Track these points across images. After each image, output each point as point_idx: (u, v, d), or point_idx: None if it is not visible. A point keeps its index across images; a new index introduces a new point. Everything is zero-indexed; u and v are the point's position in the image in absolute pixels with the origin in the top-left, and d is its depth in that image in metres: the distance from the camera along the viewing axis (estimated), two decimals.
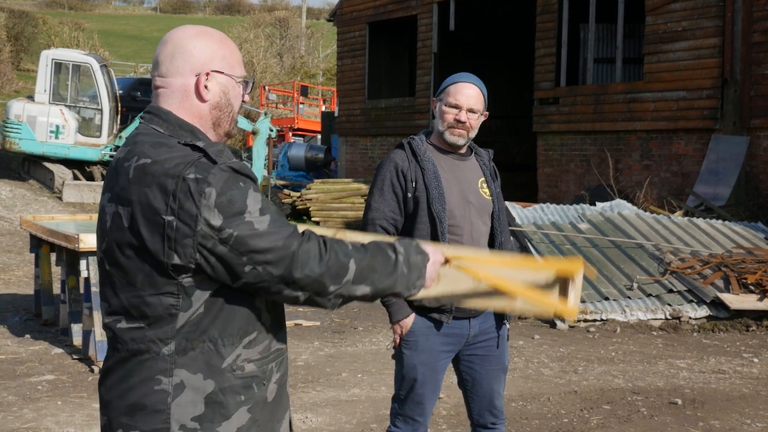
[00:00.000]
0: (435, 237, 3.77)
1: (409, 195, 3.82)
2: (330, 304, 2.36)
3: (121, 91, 22.41)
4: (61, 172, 20.11)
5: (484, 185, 3.95)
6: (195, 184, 2.24)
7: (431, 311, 3.80)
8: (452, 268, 2.67)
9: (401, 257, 2.43)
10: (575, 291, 2.83)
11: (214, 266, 2.26)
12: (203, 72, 2.42)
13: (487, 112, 3.98)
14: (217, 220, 2.23)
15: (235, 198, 2.25)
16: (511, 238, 4.48)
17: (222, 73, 2.45)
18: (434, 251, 2.54)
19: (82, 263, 7.48)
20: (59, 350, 8.05)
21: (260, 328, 2.38)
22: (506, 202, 10.61)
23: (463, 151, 3.96)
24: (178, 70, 2.42)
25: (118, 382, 2.36)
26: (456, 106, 3.85)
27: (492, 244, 3.94)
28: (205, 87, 2.42)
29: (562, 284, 2.83)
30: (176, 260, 2.25)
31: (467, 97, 3.84)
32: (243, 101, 2.54)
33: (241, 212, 2.25)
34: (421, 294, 2.55)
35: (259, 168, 17.85)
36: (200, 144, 2.31)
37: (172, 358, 2.31)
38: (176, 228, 2.24)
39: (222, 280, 2.28)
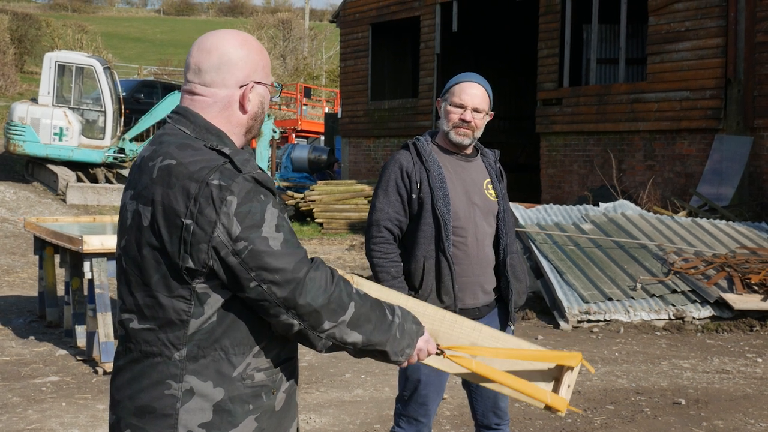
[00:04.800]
0: (439, 238, 3.78)
1: (414, 196, 3.82)
2: (321, 344, 2.35)
3: (124, 93, 22.45)
4: (64, 174, 20.14)
5: (490, 186, 3.95)
6: (218, 190, 2.24)
7: None
8: (445, 359, 2.67)
9: (398, 320, 2.44)
10: (570, 382, 2.82)
11: (222, 275, 2.27)
12: (249, 84, 2.43)
13: (493, 112, 3.98)
14: (234, 230, 2.24)
15: (254, 210, 2.26)
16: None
17: (262, 83, 2.46)
18: (428, 338, 2.55)
19: (86, 265, 7.48)
20: (63, 352, 8.07)
21: (270, 338, 2.38)
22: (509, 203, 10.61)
23: (468, 151, 3.96)
24: (224, 82, 2.42)
25: (129, 383, 2.37)
26: (461, 106, 3.85)
27: (497, 245, 3.94)
28: (248, 99, 2.43)
29: (558, 373, 2.84)
30: (190, 264, 2.26)
31: (472, 97, 3.84)
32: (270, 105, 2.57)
33: (259, 225, 2.25)
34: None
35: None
36: (227, 150, 2.32)
37: (183, 364, 2.32)
38: (193, 232, 2.25)
39: (229, 287, 2.29)
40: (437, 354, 2.63)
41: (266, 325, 2.36)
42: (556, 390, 2.85)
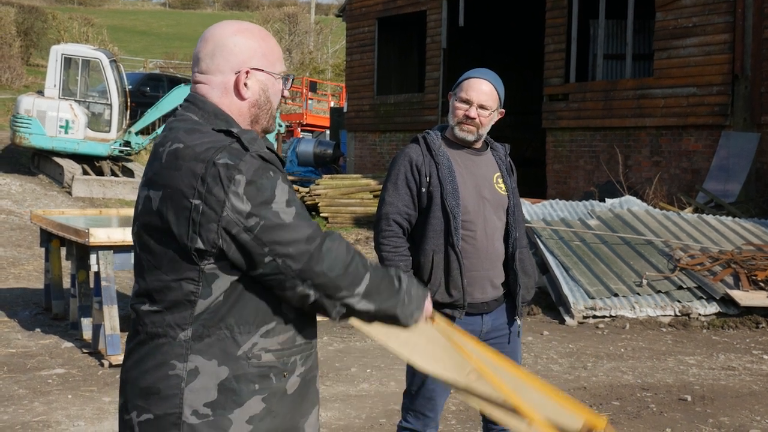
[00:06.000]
0: (448, 232, 3.77)
1: (423, 190, 3.81)
2: (335, 312, 2.36)
3: (130, 87, 22.43)
4: (70, 166, 20.14)
5: (500, 180, 3.94)
6: (225, 169, 2.25)
7: (443, 307, 3.79)
8: (473, 369, 2.59)
9: (404, 285, 2.47)
10: None
11: (234, 254, 2.27)
12: (243, 70, 2.43)
13: (504, 110, 3.96)
14: (245, 207, 2.24)
15: (264, 187, 2.26)
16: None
17: (262, 70, 2.45)
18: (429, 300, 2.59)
19: (92, 257, 7.49)
20: (69, 344, 8.08)
21: (280, 319, 2.38)
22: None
23: (478, 146, 3.95)
24: (219, 68, 2.43)
25: (136, 365, 2.39)
26: (467, 102, 3.84)
27: (507, 239, 3.93)
28: (245, 85, 2.43)
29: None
30: (199, 244, 2.27)
31: (479, 93, 3.83)
32: (283, 96, 2.54)
33: (269, 202, 2.26)
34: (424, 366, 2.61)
35: None
36: (234, 130, 2.33)
37: (188, 343, 2.32)
38: (202, 212, 2.25)
39: (240, 268, 2.29)
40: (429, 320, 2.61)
41: (275, 306, 2.36)
42: None
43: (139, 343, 2.39)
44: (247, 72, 2.43)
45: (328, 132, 28.15)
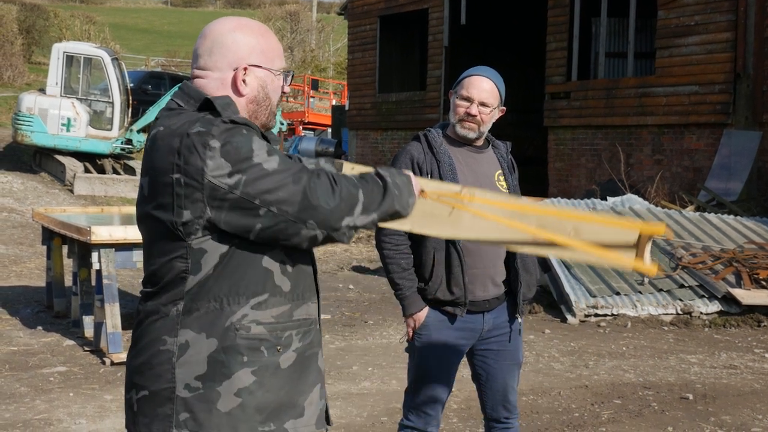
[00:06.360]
0: None
1: None
2: (346, 238, 2.36)
3: (132, 84, 22.45)
4: (72, 164, 20.15)
5: (501, 178, 3.93)
6: (198, 137, 2.26)
7: (445, 305, 3.79)
8: (479, 217, 2.69)
9: (389, 180, 2.43)
10: (648, 251, 2.75)
11: (227, 217, 2.27)
12: (241, 66, 2.42)
13: (505, 107, 3.95)
14: (224, 169, 2.24)
15: (240, 144, 2.26)
16: None
17: (260, 67, 2.45)
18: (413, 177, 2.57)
19: (94, 255, 7.49)
20: (71, 342, 8.08)
21: (273, 291, 2.37)
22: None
23: (479, 143, 3.95)
24: (216, 65, 2.43)
25: (134, 344, 2.44)
26: (468, 99, 3.83)
27: None
28: (243, 81, 2.43)
29: (636, 244, 2.74)
30: (186, 217, 2.28)
31: (480, 91, 3.82)
32: (283, 92, 2.54)
33: (249, 156, 2.25)
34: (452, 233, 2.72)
35: None
36: (210, 98, 2.35)
37: (179, 318, 2.34)
38: (184, 184, 2.26)
39: (238, 232, 2.29)
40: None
41: (267, 278, 2.36)
42: (638, 257, 2.74)
43: (138, 324, 2.44)
44: (245, 69, 2.43)
45: (329, 130, 28.15)
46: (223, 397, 2.32)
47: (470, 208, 2.72)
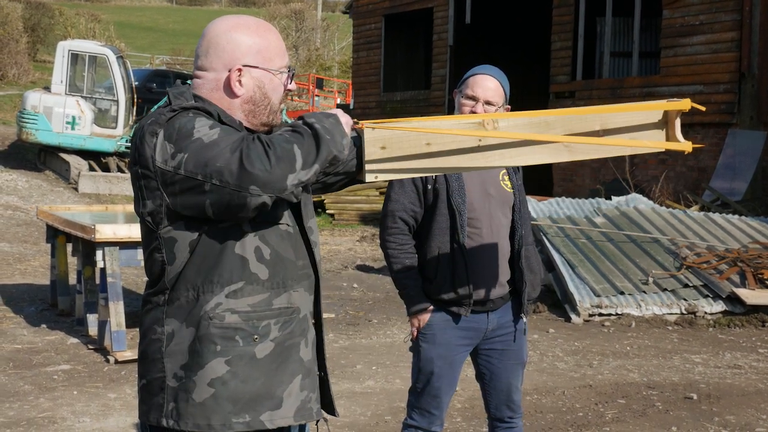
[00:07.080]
0: (454, 229, 3.76)
1: (429, 187, 3.80)
2: (295, 196, 2.31)
3: (136, 83, 22.44)
4: (77, 163, 20.16)
5: (506, 177, 3.93)
6: (148, 127, 2.31)
7: (450, 304, 3.79)
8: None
9: (317, 125, 2.33)
10: (678, 128, 2.78)
11: (182, 200, 2.28)
12: (234, 67, 2.41)
13: (509, 106, 3.95)
14: (168, 152, 2.26)
15: (182, 125, 2.28)
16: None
17: (256, 67, 2.43)
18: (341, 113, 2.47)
19: (98, 254, 7.49)
20: (75, 340, 8.09)
21: (250, 279, 2.36)
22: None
23: None
24: (212, 65, 2.43)
25: (140, 334, 2.49)
26: (473, 98, 3.82)
27: (512, 237, 3.91)
28: (238, 82, 2.41)
29: (665, 124, 2.78)
30: (149, 207, 2.32)
31: (485, 90, 3.81)
32: (289, 90, 2.50)
33: (190, 134, 2.26)
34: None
35: None
36: (167, 90, 2.44)
37: (164, 308, 2.37)
38: (142, 175, 2.31)
39: (195, 213, 2.29)
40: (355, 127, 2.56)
41: (242, 266, 2.35)
42: (670, 137, 2.78)
43: (141, 315, 2.49)
44: (239, 69, 2.41)
45: None
46: (198, 387, 2.32)
47: (497, 132, 2.68)
